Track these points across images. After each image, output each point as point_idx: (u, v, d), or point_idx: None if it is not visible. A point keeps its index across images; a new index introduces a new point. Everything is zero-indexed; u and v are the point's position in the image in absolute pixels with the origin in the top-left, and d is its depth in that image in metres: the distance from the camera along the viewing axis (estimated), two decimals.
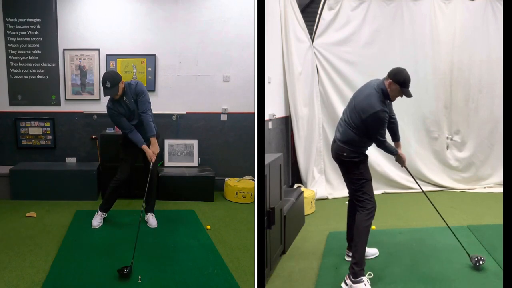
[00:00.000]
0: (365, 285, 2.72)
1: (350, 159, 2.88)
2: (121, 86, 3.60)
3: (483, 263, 2.99)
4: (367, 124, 2.78)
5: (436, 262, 3.13)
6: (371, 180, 2.93)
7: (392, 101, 2.90)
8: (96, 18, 5.10)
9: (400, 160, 3.11)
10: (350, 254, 3.05)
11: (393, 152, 3.01)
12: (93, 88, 5.21)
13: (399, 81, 2.74)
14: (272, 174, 3.08)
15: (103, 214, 3.97)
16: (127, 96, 3.67)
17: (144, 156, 3.78)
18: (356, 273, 2.74)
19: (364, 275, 2.77)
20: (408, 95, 2.78)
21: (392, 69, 2.82)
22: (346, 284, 2.77)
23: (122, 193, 4.06)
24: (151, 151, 3.71)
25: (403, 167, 3.18)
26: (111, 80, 3.53)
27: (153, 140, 3.74)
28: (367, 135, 2.85)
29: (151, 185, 3.80)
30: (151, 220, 3.98)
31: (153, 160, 3.73)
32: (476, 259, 3.02)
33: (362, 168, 2.90)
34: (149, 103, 3.72)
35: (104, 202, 3.98)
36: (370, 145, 2.96)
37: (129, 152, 3.84)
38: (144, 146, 3.70)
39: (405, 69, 2.80)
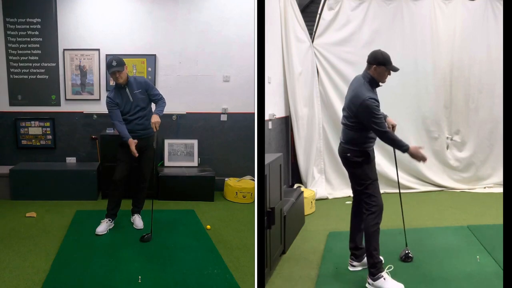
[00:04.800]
0: (385, 279, 2.74)
1: (354, 160, 2.85)
2: (126, 69, 3.65)
3: (410, 260, 3.14)
4: (360, 117, 2.75)
5: (436, 262, 3.13)
6: (376, 180, 2.88)
7: (383, 83, 2.85)
8: (96, 18, 5.10)
9: (416, 155, 2.78)
10: (354, 263, 3.06)
11: (402, 146, 2.75)
12: (93, 88, 5.21)
13: (382, 62, 2.76)
14: (272, 174, 3.08)
15: (109, 220, 3.84)
16: (130, 87, 3.70)
17: (139, 156, 3.74)
18: (374, 273, 2.76)
19: (383, 271, 2.78)
20: (395, 69, 2.79)
21: (370, 55, 2.82)
22: (369, 283, 2.79)
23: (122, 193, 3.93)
24: (134, 148, 3.63)
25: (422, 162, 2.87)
26: (117, 60, 3.62)
27: (157, 116, 3.69)
28: (365, 129, 2.80)
29: (141, 187, 3.83)
30: (137, 221, 3.93)
31: (157, 128, 3.64)
32: (406, 252, 3.18)
33: (367, 168, 2.86)
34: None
35: (109, 208, 3.85)
36: (372, 141, 2.89)
37: (125, 152, 3.77)
38: (130, 140, 3.66)
39: (379, 49, 2.83)
